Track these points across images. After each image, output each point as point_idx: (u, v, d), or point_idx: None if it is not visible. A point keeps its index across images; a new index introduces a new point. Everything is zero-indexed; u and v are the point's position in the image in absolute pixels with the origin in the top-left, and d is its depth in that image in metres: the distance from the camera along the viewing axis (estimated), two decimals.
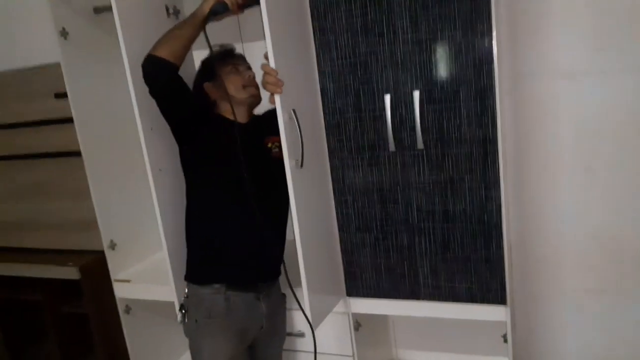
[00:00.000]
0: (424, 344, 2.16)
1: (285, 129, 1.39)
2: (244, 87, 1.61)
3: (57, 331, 2.62)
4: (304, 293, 1.48)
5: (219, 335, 1.54)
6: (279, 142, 1.40)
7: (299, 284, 1.48)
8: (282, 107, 1.38)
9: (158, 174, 1.62)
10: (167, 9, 1.72)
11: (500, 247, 1.50)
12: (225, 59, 1.65)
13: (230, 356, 1.54)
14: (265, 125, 1.59)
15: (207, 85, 1.65)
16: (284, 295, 1.71)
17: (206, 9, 1.49)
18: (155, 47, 1.48)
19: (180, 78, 1.52)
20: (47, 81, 2.36)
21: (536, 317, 2.00)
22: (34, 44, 2.44)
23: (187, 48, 1.52)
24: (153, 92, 1.51)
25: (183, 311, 1.61)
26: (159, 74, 1.48)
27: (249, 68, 1.68)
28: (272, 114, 1.42)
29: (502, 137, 1.43)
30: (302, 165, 1.44)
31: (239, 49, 1.79)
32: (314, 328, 1.52)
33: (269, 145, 1.62)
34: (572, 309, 1.94)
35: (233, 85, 1.60)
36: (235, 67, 1.63)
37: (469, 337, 2.00)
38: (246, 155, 1.49)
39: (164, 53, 1.46)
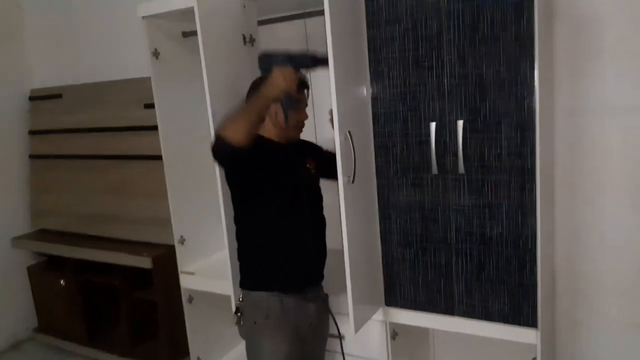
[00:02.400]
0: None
1: (340, 148, 1.55)
2: (298, 127, 1.76)
3: (129, 315, 2.93)
4: (348, 299, 1.63)
5: (277, 334, 1.69)
6: (314, 164, 1.61)
7: (342, 289, 1.63)
8: (340, 128, 1.55)
9: (224, 181, 1.84)
10: (244, 38, 1.94)
11: (533, 271, 1.58)
12: (297, 88, 1.65)
13: (288, 351, 1.69)
14: (299, 147, 1.81)
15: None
16: (327, 295, 1.86)
17: (273, 92, 1.54)
18: (225, 127, 1.48)
19: (248, 153, 1.49)
20: (139, 93, 2.69)
21: (580, 345, 2.02)
22: (129, 60, 2.78)
23: (256, 127, 1.53)
24: (220, 167, 1.74)
25: (239, 314, 1.77)
26: (226, 159, 1.56)
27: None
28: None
29: (540, 167, 1.52)
30: (353, 181, 1.60)
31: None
32: (355, 331, 1.66)
33: (308, 166, 1.80)
34: (614, 342, 1.95)
35: (291, 119, 1.69)
36: (301, 102, 1.71)
37: (504, 358, 2.05)
38: (295, 175, 1.70)
39: (234, 135, 1.45)
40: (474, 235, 1.64)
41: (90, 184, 3.05)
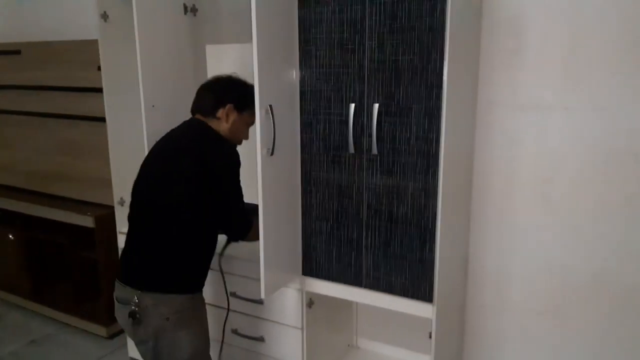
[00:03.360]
0: (383, 335, 2.36)
1: (260, 120, 1.63)
2: (239, 142, 1.84)
3: (73, 272, 3.00)
4: (260, 266, 1.72)
5: (193, 321, 1.75)
6: None
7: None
8: (260, 103, 1.62)
9: None
10: (185, 7, 1.99)
11: (432, 250, 1.69)
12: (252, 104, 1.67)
13: (206, 330, 1.83)
14: None
15: (229, 109, 1.76)
16: None
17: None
18: (252, 233, 1.76)
19: None
20: (94, 54, 2.71)
21: (484, 329, 2.16)
22: (88, 21, 2.79)
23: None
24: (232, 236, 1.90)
25: (137, 317, 1.68)
26: (236, 239, 1.89)
27: None
28: None
29: (444, 154, 1.61)
30: (272, 154, 1.69)
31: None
32: (264, 295, 1.76)
33: None
34: (516, 326, 2.09)
35: (239, 135, 1.82)
36: (252, 120, 1.76)
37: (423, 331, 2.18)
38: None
39: (247, 237, 1.80)
40: (383, 213, 1.75)
41: (42, 142, 3.08)
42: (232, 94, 1.79)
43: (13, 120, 3.21)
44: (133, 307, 1.65)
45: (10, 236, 3.17)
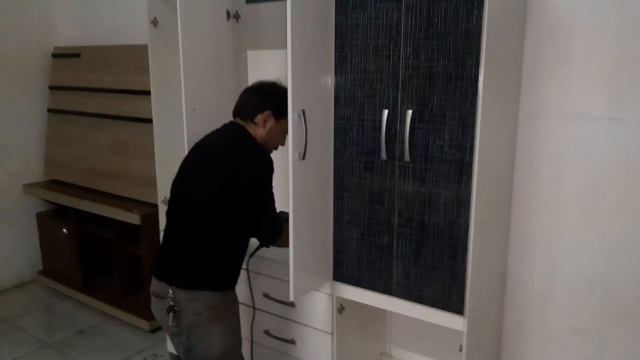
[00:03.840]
0: (417, 345, 2.32)
1: (293, 124, 1.65)
2: (274, 148, 1.87)
3: (120, 267, 3.13)
4: (290, 268, 1.74)
5: (225, 317, 1.79)
6: None
7: None
8: (293, 107, 1.64)
9: None
10: (228, 13, 2.04)
11: (464, 261, 1.64)
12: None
13: (238, 325, 1.85)
14: None
15: (267, 115, 1.79)
16: None
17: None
18: (282, 240, 1.81)
19: None
20: (146, 58, 2.83)
21: (522, 348, 2.08)
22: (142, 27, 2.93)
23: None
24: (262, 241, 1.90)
25: (174, 311, 1.73)
26: (266, 244, 1.91)
27: None
28: None
29: (479, 163, 1.57)
30: (304, 158, 1.70)
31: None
32: (293, 297, 1.77)
33: None
34: (555, 346, 2.00)
35: (275, 141, 1.85)
36: (287, 131, 1.74)
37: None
38: None
39: (278, 242, 1.84)
40: (414, 221, 1.72)
41: (97, 141, 3.24)
42: (271, 100, 1.80)
43: (72, 120, 3.40)
44: (171, 302, 1.71)
45: (64, 230, 3.35)
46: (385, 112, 1.70)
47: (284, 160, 1.71)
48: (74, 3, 3.50)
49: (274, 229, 1.79)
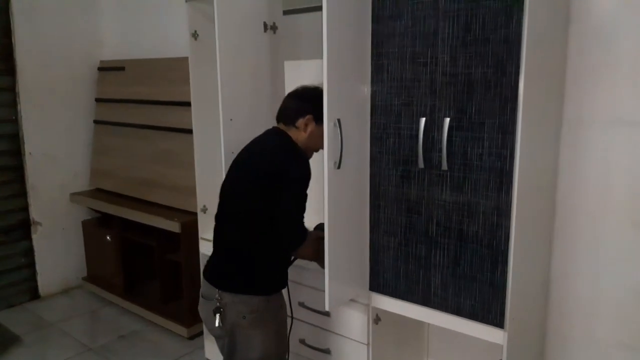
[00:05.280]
0: (455, 359, 2.26)
1: (328, 133, 1.65)
2: (316, 151, 1.84)
3: (161, 274, 3.20)
4: (325, 277, 1.74)
5: (266, 322, 1.79)
6: None
7: None
8: (329, 116, 1.65)
9: None
10: (265, 25, 2.07)
11: (504, 273, 1.60)
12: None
13: (281, 331, 1.85)
14: None
15: (309, 119, 1.78)
16: None
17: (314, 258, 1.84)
18: (304, 248, 1.78)
19: None
20: (188, 71, 2.91)
21: None
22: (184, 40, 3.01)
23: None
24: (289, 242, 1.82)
25: (220, 312, 1.76)
26: (290, 248, 1.83)
27: None
28: None
29: (520, 171, 1.53)
30: (339, 167, 1.70)
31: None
32: (328, 307, 1.77)
33: None
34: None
35: (317, 144, 1.77)
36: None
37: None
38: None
39: (298, 248, 1.78)
40: (453, 231, 1.69)
41: (139, 151, 3.34)
42: (312, 104, 1.77)
43: (116, 131, 3.52)
44: (217, 304, 1.74)
45: (108, 237, 3.45)
46: (423, 120, 1.68)
47: (319, 169, 1.72)
48: (119, 18, 3.63)
49: (298, 234, 1.75)
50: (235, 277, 1.76)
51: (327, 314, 2.06)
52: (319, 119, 1.75)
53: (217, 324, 1.74)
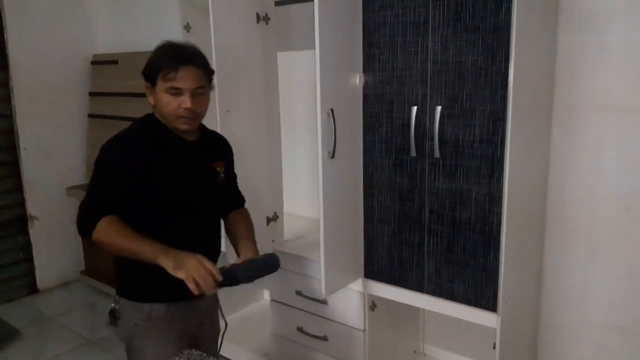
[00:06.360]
0: (451, 343, 2.30)
1: (322, 124, 1.67)
2: (177, 117, 1.44)
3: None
4: (321, 265, 1.76)
5: (161, 335, 1.51)
6: (223, 167, 1.56)
7: None
8: (322, 106, 1.66)
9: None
10: (258, 16, 2.08)
11: (497, 258, 1.62)
12: (169, 66, 1.42)
13: (173, 350, 1.41)
14: (214, 147, 1.61)
15: (147, 88, 1.50)
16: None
17: (164, 262, 1.33)
18: (101, 233, 1.41)
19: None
20: None
21: (559, 346, 2.04)
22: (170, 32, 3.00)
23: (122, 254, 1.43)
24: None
25: (115, 315, 1.57)
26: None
27: (201, 86, 1.46)
28: (220, 139, 1.64)
29: (510, 157, 1.55)
30: (333, 157, 1.72)
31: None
32: (325, 294, 1.80)
33: (217, 169, 1.59)
34: (593, 344, 1.95)
35: (166, 109, 1.44)
36: (172, 88, 1.42)
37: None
38: (197, 179, 1.51)
39: (97, 238, 1.42)
40: (446, 218, 1.71)
41: None
42: (145, 71, 1.50)
43: (110, 124, 3.51)
44: (113, 305, 1.56)
45: None
46: (414, 108, 1.70)
47: (313, 159, 1.73)
48: (111, 12, 3.62)
49: (79, 216, 1.48)
50: (120, 280, 1.60)
51: (323, 301, 2.08)
52: (153, 82, 1.47)
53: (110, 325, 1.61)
